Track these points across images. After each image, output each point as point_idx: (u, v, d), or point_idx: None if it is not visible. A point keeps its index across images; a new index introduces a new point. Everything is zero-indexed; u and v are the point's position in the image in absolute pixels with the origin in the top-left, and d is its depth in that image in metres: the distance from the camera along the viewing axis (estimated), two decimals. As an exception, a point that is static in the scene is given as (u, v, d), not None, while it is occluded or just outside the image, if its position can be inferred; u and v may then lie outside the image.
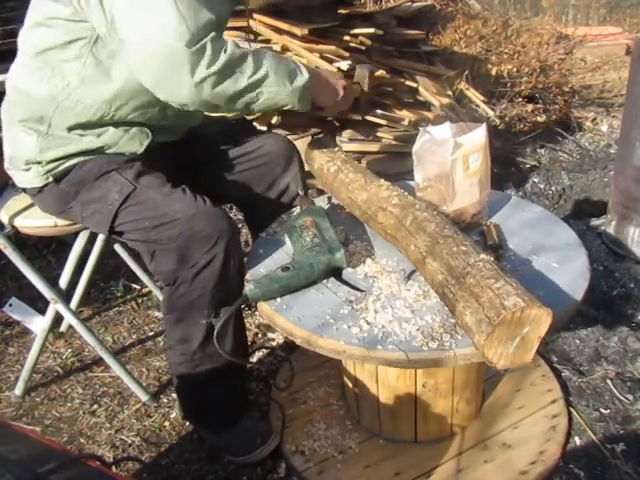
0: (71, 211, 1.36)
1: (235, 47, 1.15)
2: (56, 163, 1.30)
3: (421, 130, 1.32)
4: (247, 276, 1.25)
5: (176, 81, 1.11)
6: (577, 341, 1.76)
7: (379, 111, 3.02)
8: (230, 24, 2.27)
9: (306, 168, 1.57)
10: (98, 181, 1.29)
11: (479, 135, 1.25)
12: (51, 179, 1.32)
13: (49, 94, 1.24)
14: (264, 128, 2.71)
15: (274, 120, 1.44)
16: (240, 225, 1.94)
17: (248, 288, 1.11)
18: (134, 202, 1.26)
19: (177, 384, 1.41)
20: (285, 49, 2.38)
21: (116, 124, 1.29)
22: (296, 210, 1.40)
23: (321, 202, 1.47)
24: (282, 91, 1.21)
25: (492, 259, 1.00)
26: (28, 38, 1.27)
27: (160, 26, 1.08)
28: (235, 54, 1.14)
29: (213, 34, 1.12)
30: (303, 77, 1.23)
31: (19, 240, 1.54)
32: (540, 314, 0.88)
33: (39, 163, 1.30)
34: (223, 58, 1.12)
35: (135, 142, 1.31)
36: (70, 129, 1.27)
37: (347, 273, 1.19)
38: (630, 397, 1.54)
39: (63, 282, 1.71)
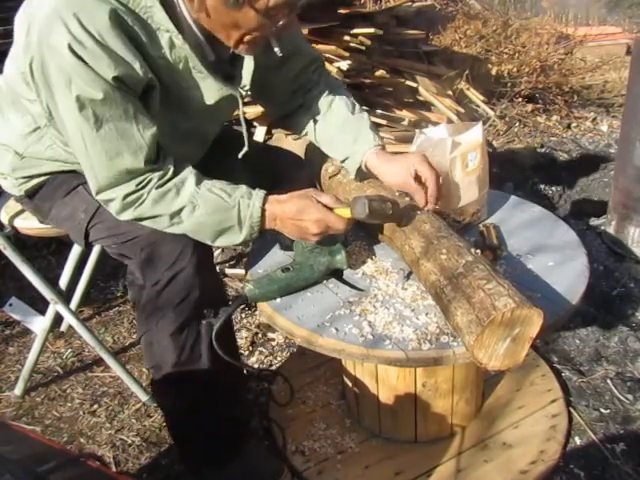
0: (50, 223, 1.35)
1: (153, 204, 1.07)
2: (27, 179, 1.29)
3: (417, 131, 1.33)
4: (247, 276, 1.25)
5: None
6: (577, 341, 1.76)
7: (379, 111, 3.03)
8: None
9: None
10: (67, 197, 1.26)
11: (476, 133, 1.26)
12: (24, 193, 1.31)
13: (21, 133, 1.21)
14: (264, 128, 2.70)
15: None
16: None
17: (247, 288, 1.11)
18: (99, 220, 1.21)
19: (166, 422, 1.33)
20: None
21: None
22: None
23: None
24: (207, 241, 1.13)
25: (486, 260, 1.00)
26: (8, 64, 1.18)
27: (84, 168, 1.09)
28: (145, 213, 1.08)
29: (126, 191, 1.06)
30: (234, 237, 1.11)
31: (19, 240, 1.55)
32: (531, 315, 0.88)
33: (13, 177, 1.30)
34: (130, 214, 1.09)
35: None
36: (44, 160, 1.25)
37: (347, 273, 1.19)
38: (630, 397, 1.54)
39: (63, 282, 1.71)
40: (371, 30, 3.08)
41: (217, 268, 2.23)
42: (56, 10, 0.97)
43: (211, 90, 1.15)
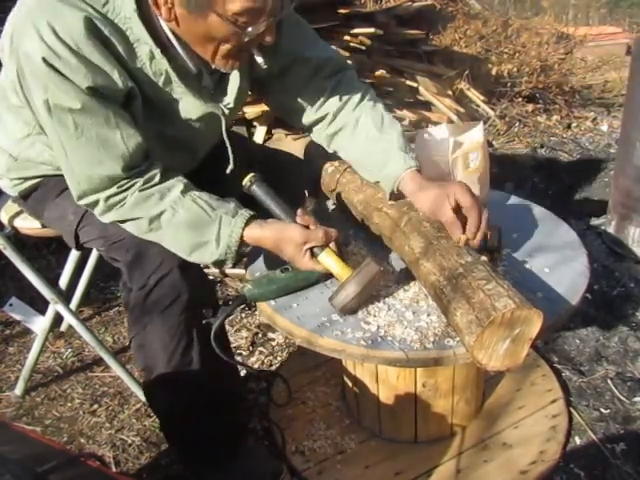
0: (46, 224, 1.35)
1: (134, 205, 1.05)
2: (21, 181, 1.29)
3: (418, 132, 1.32)
4: (246, 276, 1.25)
5: None
6: (577, 341, 1.76)
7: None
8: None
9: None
10: (58, 199, 1.25)
11: (477, 134, 1.26)
12: (18, 194, 1.31)
13: (15, 137, 1.21)
14: (264, 128, 2.70)
15: None
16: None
17: (246, 288, 1.11)
18: (88, 222, 1.20)
19: (160, 423, 1.32)
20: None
21: None
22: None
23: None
24: (183, 256, 1.09)
25: (485, 260, 1.00)
26: (3, 71, 1.16)
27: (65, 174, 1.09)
28: (126, 214, 1.06)
29: (108, 193, 1.05)
30: (208, 254, 1.07)
31: (19, 240, 1.54)
32: (531, 316, 0.88)
33: (8, 177, 1.30)
34: (113, 215, 1.08)
35: None
36: (37, 163, 1.24)
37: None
38: (630, 397, 1.54)
39: (63, 282, 1.71)
40: (371, 30, 3.08)
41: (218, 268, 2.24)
42: (30, 18, 0.95)
43: (192, 106, 1.12)
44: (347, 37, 3.00)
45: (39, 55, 0.94)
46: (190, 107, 1.12)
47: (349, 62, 1.35)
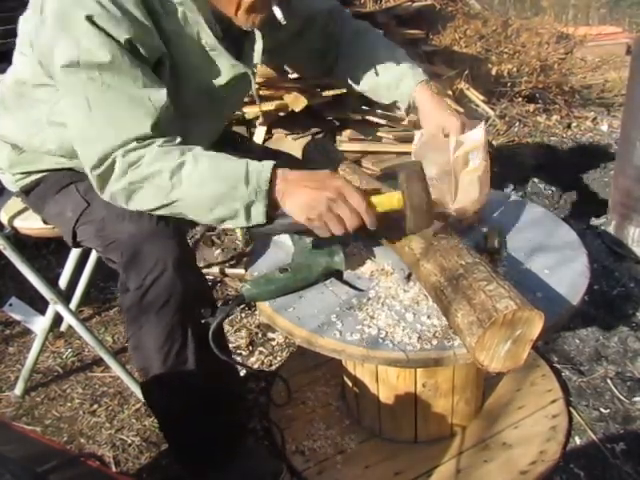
0: (46, 220, 1.36)
1: (153, 160, 1.00)
2: (24, 175, 1.29)
3: (419, 131, 1.32)
4: (246, 276, 1.25)
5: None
6: (577, 341, 1.76)
7: (379, 111, 3.02)
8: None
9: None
10: (58, 195, 1.25)
11: (478, 133, 1.25)
12: (20, 190, 1.32)
13: (24, 126, 1.22)
14: (264, 128, 2.70)
15: None
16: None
17: (245, 288, 1.11)
18: (86, 220, 1.20)
19: (159, 424, 1.31)
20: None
21: None
22: None
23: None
24: (204, 216, 1.04)
25: (486, 261, 1.00)
26: (15, 58, 1.21)
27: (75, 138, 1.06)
28: (143, 171, 1.00)
29: (127, 147, 1.00)
30: (235, 203, 0.99)
31: (19, 241, 1.54)
32: (532, 317, 0.88)
33: (10, 172, 1.30)
34: (129, 177, 1.01)
35: None
36: (42, 153, 1.25)
37: (347, 273, 1.19)
38: (630, 397, 1.54)
39: (63, 282, 1.71)
40: (371, 30, 3.07)
41: (217, 268, 2.24)
42: None
43: (223, 68, 1.14)
44: (347, 37, 2.99)
45: (82, 8, 0.95)
46: (220, 69, 1.14)
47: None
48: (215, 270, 2.23)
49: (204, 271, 2.22)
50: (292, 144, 2.51)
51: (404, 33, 3.56)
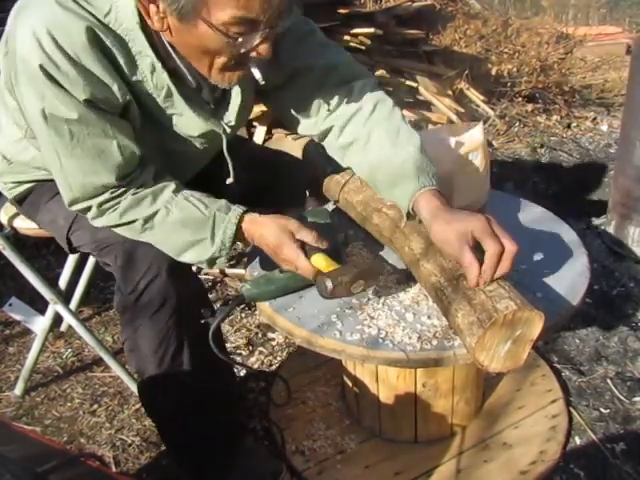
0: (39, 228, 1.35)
1: (127, 208, 1.05)
2: (15, 185, 1.29)
3: (418, 132, 1.32)
4: (246, 275, 1.25)
5: None
6: (577, 341, 1.76)
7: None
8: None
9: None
10: (49, 203, 1.25)
11: (477, 134, 1.25)
12: (13, 198, 1.31)
13: (11, 139, 1.20)
14: (264, 128, 2.70)
15: None
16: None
17: (245, 288, 1.11)
18: (79, 227, 1.20)
19: (156, 426, 1.31)
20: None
21: None
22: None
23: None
24: (175, 257, 1.09)
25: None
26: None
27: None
28: (118, 220, 1.06)
29: (101, 199, 1.05)
30: (203, 252, 1.07)
31: (19, 241, 1.54)
32: (532, 317, 0.88)
33: (1, 181, 1.30)
34: (105, 220, 1.08)
35: None
36: (31, 167, 1.24)
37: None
38: (630, 397, 1.54)
39: (63, 282, 1.71)
40: (371, 30, 3.08)
41: (217, 268, 2.23)
42: (29, 24, 0.92)
43: (193, 122, 1.10)
44: (347, 37, 3.00)
45: (37, 63, 0.92)
46: (191, 123, 1.10)
47: (367, 70, 1.26)
48: (215, 270, 2.23)
49: (204, 271, 2.22)
50: (292, 144, 2.51)
51: (404, 33, 3.57)
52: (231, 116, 1.14)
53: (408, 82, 3.38)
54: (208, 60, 0.97)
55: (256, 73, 1.00)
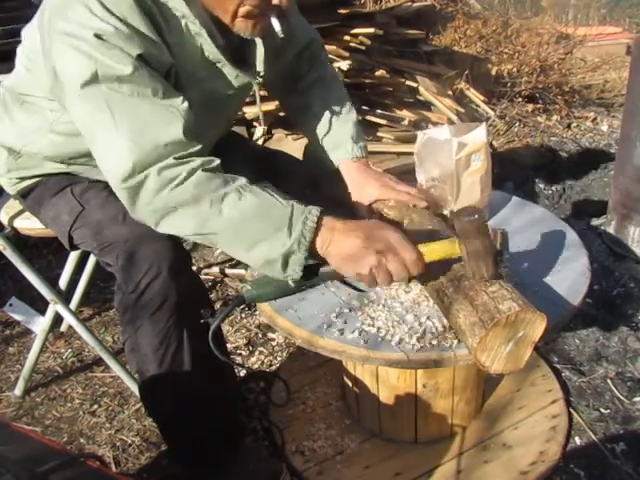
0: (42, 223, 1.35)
1: (195, 185, 0.94)
2: (20, 180, 1.29)
3: (420, 132, 1.32)
4: (246, 276, 1.25)
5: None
6: (577, 341, 1.76)
7: (379, 111, 3.03)
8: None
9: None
10: (54, 198, 1.25)
11: (480, 134, 1.25)
12: (17, 193, 1.32)
13: (25, 131, 1.21)
14: (264, 127, 2.70)
15: None
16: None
17: (245, 289, 1.11)
18: (82, 224, 1.19)
19: (157, 425, 1.31)
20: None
21: (88, 161, 1.21)
22: None
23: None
24: (239, 255, 0.99)
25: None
26: (19, 64, 1.18)
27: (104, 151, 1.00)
28: (182, 195, 0.94)
29: (162, 164, 0.94)
30: (276, 246, 0.93)
31: (19, 241, 1.54)
32: (534, 318, 0.88)
33: (7, 177, 1.30)
34: (165, 198, 0.95)
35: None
36: (40, 159, 1.24)
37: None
38: (630, 397, 1.54)
39: (63, 282, 1.71)
40: (371, 30, 3.08)
41: (217, 268, 2.23)
42: None
43: (227, 79, 1.13)
44: (347, 37, 3.00)
45: (89, 28, 0.93)
46: (225, 80, 1.14)
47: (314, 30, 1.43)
48: (215, 270, 2.23)
49: (204, 271, 2.23)
50: (292, 144, 2.51)
51: (404, 33, 3.56)
52: (260, 66, 1.18)
53: (408, 82, 3.38)
54: (233, 8, 1.02)
55: (276, 25, 1.06)
